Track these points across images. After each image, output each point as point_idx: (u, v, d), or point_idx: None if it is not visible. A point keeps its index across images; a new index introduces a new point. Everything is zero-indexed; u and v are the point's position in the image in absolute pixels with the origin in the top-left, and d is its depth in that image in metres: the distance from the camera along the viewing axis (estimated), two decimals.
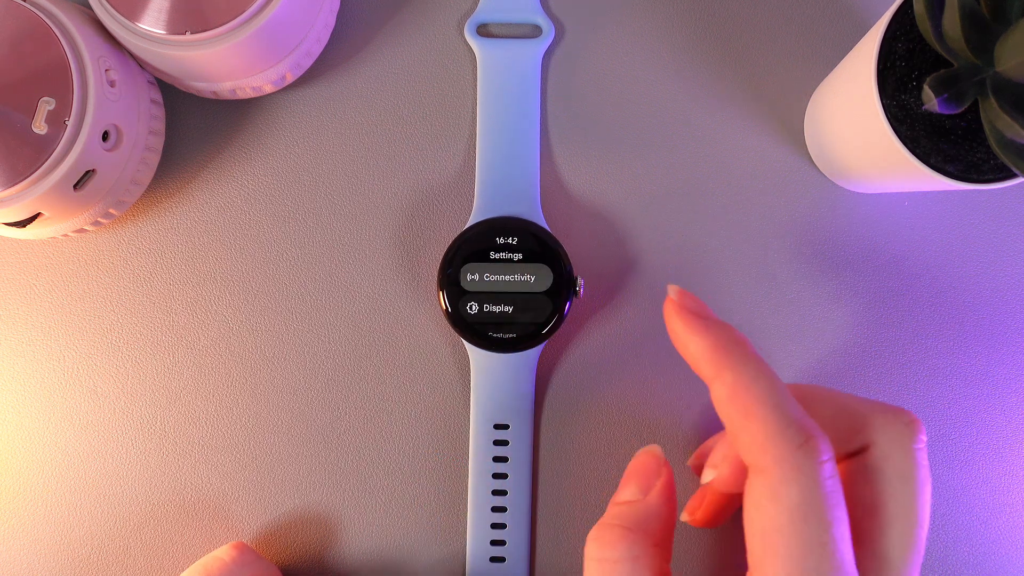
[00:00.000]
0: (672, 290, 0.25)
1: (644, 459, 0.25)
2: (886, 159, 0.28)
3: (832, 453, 0.21)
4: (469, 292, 0.31)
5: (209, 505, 0.34)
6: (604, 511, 0.33)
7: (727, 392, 0.22)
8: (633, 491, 0.25)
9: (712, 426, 0.34)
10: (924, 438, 0.25)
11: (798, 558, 0.20)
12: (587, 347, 0.34)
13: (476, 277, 0.31)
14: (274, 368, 0.34)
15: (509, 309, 0.31)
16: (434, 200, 0.34)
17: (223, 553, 0.31)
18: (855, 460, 0.25)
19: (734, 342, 0.23)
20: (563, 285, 0.31)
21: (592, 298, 0.34)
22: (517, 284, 0.31)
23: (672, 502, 0.24)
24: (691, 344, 0.24)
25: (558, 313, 0.31)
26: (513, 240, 0.32)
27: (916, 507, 0.24)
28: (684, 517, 0.31)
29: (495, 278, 0.31)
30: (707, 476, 0.27)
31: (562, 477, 0.34)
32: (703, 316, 0.24)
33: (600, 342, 0.34)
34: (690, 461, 0.33)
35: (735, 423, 0.22)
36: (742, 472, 0.25)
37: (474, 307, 0.31)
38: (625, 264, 0.34)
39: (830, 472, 0.21)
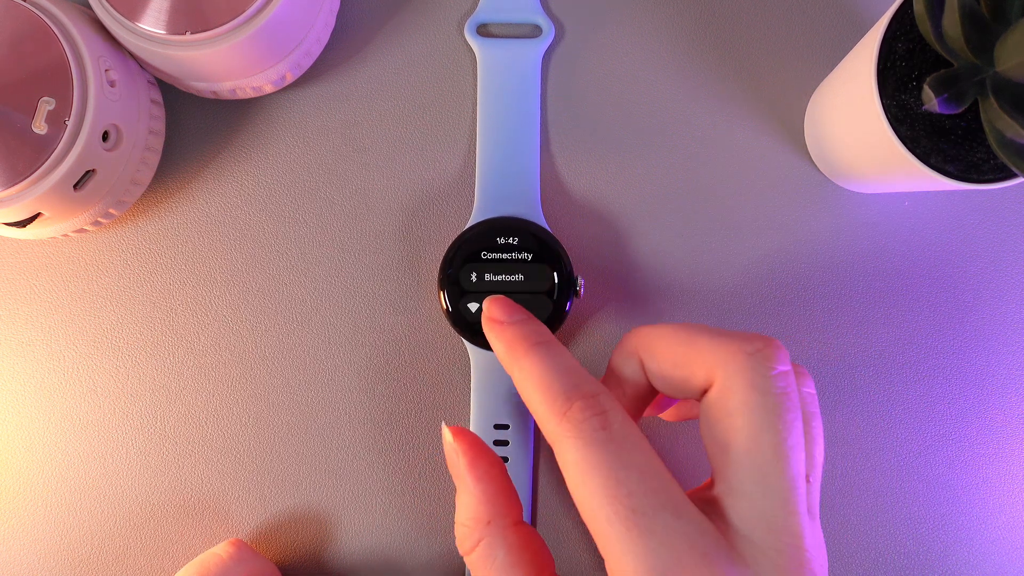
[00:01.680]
0: (485, 303, 0.28)
1: (446, 451, 0.26)
2: (886, 159, 0.28)
3: (601, 405, 0.23)
4: (469, 292, 0.31)
5: (208, 504, 0.34)
6: None
7: (517, 384, 0.25)
8: (456, 483, 0.26)
9: None
10: (780, 365, 0.23)
11: (600, 503, 0.21)
12: (587, 347, 0.34)
13: (476, 277, 0.31)
14: (274, 368, 0.34)
15: None
16: (434, 200, 0.34)
17: (220, 550, 0.31)
18: (704, 397, 0.24)
19: (523, 336, 0.26)
20: (563, 285, 0.31)
21: (592, 298, 0.34)
22: (517, 284, 0.31)
23: (478, 475, 0.25)
24: (494, 347, 0.27)
25: (558, 313, 0.31)
26: (513, 240, 0.32)
27: (767, 435, 0.22)
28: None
29: (495, 278, 0.31)
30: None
31: (562, 477, 0.34)
32: (499, 320, 0.27)
33: (600, 342, 0.34)
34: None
35: (531, 410, 0.25)
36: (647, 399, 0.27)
37: (475, 307, 0.31)
38: (625, 264, 0.34)
39: (601, 424, 0.22)
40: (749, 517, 0.22)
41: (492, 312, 0.27)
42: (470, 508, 0.25)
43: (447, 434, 0.26)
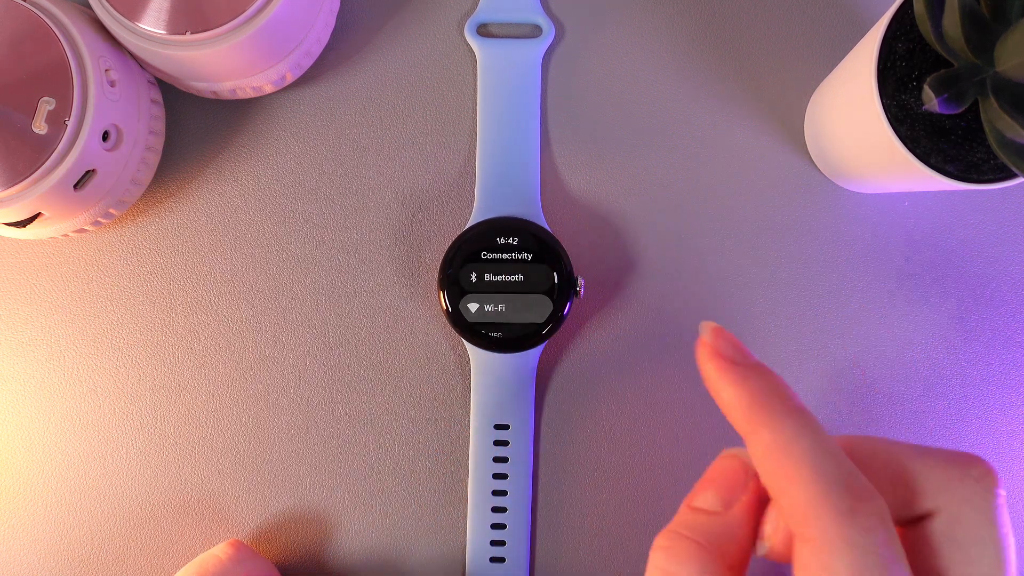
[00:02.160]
0: (705, 329, 0.22)
1: (729, 463, 0.22)
2: (886, 159, 0.28)
3: (887, 516, 0.19)
4: (469, 292, 0.31)
5: (208, 504, 0.34)
6: (603, 510, 0.34)
7: (764, 451, 0.20)
8: (712, 499, 0.22)
9: (713, 429, 0.34)
10: (1002, 492, 0.21)
11: None
12: (587, 347, 0.34)
13: (476, 277, 0.31)
14: (274, 368, 0.34)
15: (509, 309, 0.31)
16: (434, 200, 0.34)
17: (219, 551, 0.31)
18: (920, 527, 0.21)
19: (772, 394, 0.21)
20: (563, 285, 0.31)
21: (592, 298, 0.34)
22: (517, 284, 0.31)
23: (755, 522, 0.22)
24: (724, 393, 0.22)
25: (558, 313, 0.31)
26: (513, 240, 0.32)
27: (1001, 572, 0.20)
28: (760, 551, 0.26)
29: (495, 278, 0.31)
30: (760, 549, 0.24)
31: (562, 477, 0.34)
32: (738, 362, 0.22)
33: (600, 342, 0.34)
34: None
35: (775, 486, 0.20)
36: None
37: (474, 307, 0.31)
38: (625, 264, 0.34)
39: (885, 539, 0.19)
40: None
41: (719, 343, 0.22)
42: (721, 538, 0.21)
43: (745, 454, 0.22)
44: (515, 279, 0.31)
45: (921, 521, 0.21)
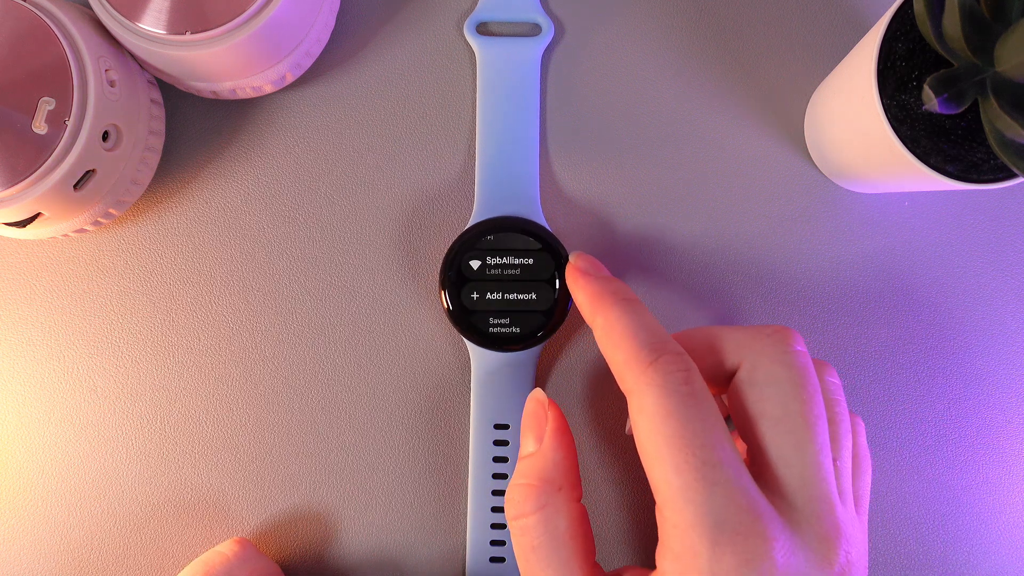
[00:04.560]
0: (572, 254, 0.29)
1: (531, 407, 0.27)
2: (886, 159, 0.28)
3: (687, 363, 0.24)
4: (470, 291, 0.31)
5: (209, 504, 0.34)
6: (603, 510, 0.34)
7: (600, 333, 0.26)
8: (529, 443, 0.27)
9: None
10: (797, 345, 0.26)
11: (672, 451, 0.22)
12: (587, 347, 0.34)
13: (477, 276, 0.31)
14: (274, 367, 0.34)
15: (510, 309, 0.31)
16: (434, 200, 0.34)
17: (225, 548, 0.31)
18: (733, 380, 0.26)
19: (608, 291, 0.26)
20: (564, 285, 0.31)
21: None
22: (518, 284, 0.31)
23: (565, 442, 0.26)
24: (577, 295, 0.28)
25: (559, 313, 0.31)
26: (513, 240, 0.32)
27: (795, 404, 0.24)
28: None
29: (496, 278, 0.31)
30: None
31: None
32: (588, 272, 0.28)
33: None
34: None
35: (608, 358, 0.25)
36: None
37: (475, 306, 0.31)
38: (625, 264, 0.34)
39: (684, 379, 0.23)
40: (788, 482, 0.23)
41: (579, 263, 0.29)
42: (543, 469, 0.25)
43: (540, 394, 0.27)
44: (515, 278, 0.31)
45: (734, 376, 0.26)
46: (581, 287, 0.28)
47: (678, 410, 0.23)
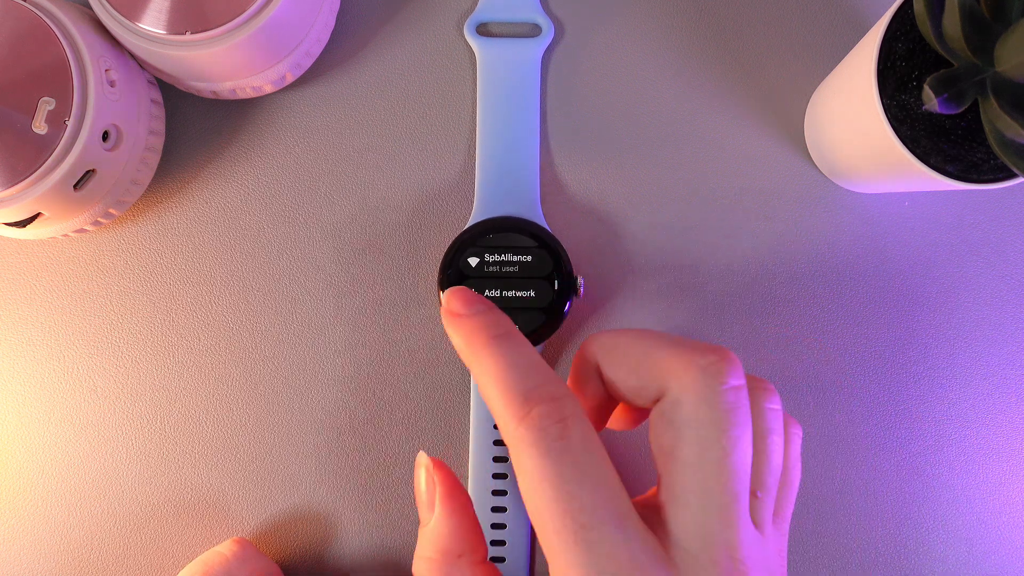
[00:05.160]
0: (445, 294, 0.26)
1: (417, 473, 0.25)
2: (886, 159, 0.28)
3: (561, 411, 0.22)
4: (471, 277, 0.31)
5: (209, 504, 0.34)
6: None
7: (477, 380, 0.24)
8: (423, 513, 0.25)
9: None
10: (732, 379, 0.23)
11: (551, 515, 0.21)
12: None
13: (476, 277, 0.31)
14: (274, 367, 0.34)
15: (509, 309, 0.31)
16: (434, 200, 0.34)
17: (224, 548, 0.31)
18: (655, 407, 0.24)
19: (478, 333, 0.24)
20: (563, 285, 0.31)
21: (592, 298, 0.34)
22: (517, 284, 0.31)
23: (457, 506, 0.25)
24: (453, 341, 0.25)
25: (558, 313, 0.31)
26: (513, 240, 0.32)
27: (714, 454, 0.22)
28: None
29: (495, 278, 0.31)
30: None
31: None
32: (459, 313, 0.25)
33: None
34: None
35: (489, 407, 0.24)
36: (604, 407, 0.26)
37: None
38: (625, 264, 0.34)
39: (559, 433, 0.22)
40: (687, 528, 0.22)
41: (451, 304, 0.25)
42: (439, 541, 0.25)
43: (424, 460, 0.25)
44: (515, 278, 0.31)
45: (658, 402, 0.24)
46: (455, 331, 0.25)
47: (553, 470, 0.21)
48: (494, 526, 0.33)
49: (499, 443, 0.33)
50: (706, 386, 0.23)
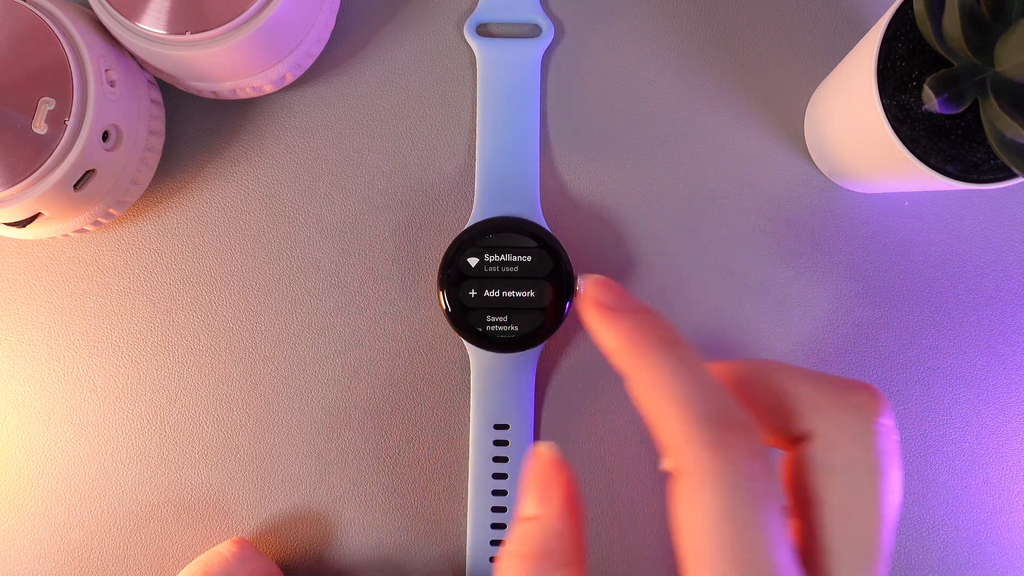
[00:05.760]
0: (583, 283, 0.23)
1: (537, 463, 0.23)
2: (886, 159, 0.28)
3: (759, 448, 0.19)
4: (469, 292, 0.31)
5: (209, 504, 0.34)
6: (603, 510, 0.34)
7: (642, 390, 0.21)
8: (530, 504, 0.22)
9: None
10: (884, 420, 0.21)
11: (726, 561, 0.19)
12: (587, 347, 0.34)
13: (476, 277, 0.31)
14: (274, 367, 0.34)
15: (509, 309, 0.31)
16: (434, 200, 0.34)
17: (224, 548, 0.31)
18: (799, 449, 0.22)
19: (648, 334, 0.21)
20: (563, 285, 0.31)
21: None
22: (517, 284, 0.31)
23: (574, 512, 0.22)
24: (604, 339, 0.22)
25: (558, 313, 0.31)
26: (513, 240, 0.32)
27: (869, 500, 0.21)
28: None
29: (495, 278, 0.31)
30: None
31: None
32: (615, 308, 0.22)
33: None
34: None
35: (654, 422, 0.21)
36: None
37: (474, 307, 0.31)
38: (625, 264, 0.34)
39: (754, 472, 0.19)
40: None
41: (600, 295, 0.23)
42: (545, 540, 0.22)
43: (552, 451, 0.23)
44: (514, 279, 0.31)
45: (801, 442, 0.21)
46: (609, 329, 0.22)
47: (740, 513, 0.19)
48: (494, 526, 0.33)
49: (499, 443, 0.33)
50: (861, 427, 0.21)
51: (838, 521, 0.21)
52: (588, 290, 0.23)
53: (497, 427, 0.33)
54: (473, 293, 0.31)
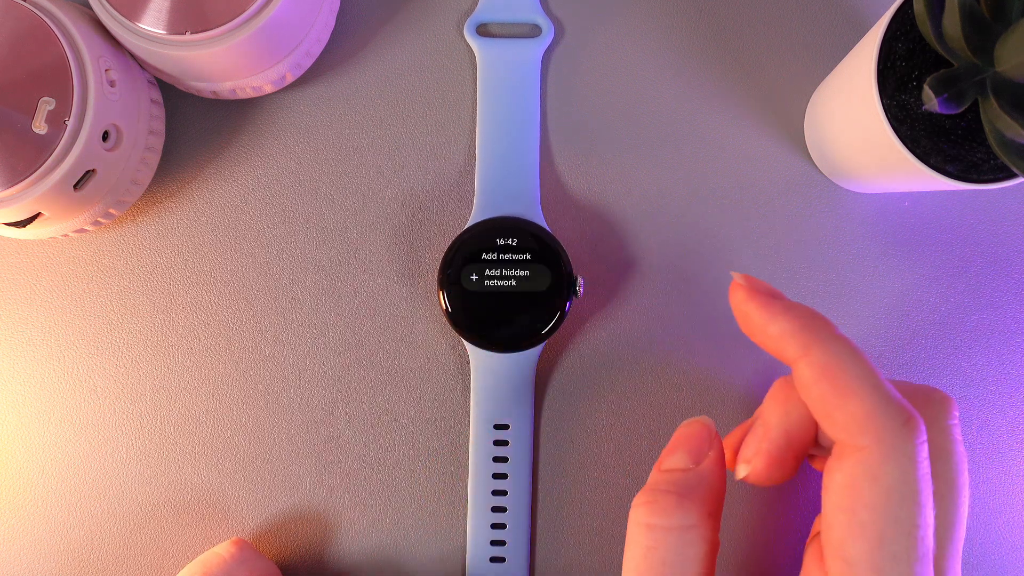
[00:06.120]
0: (737, 275, 0.24)
1: (695, 428, 0.24)
2: (886, 159, 0.28)
3: (925, 435, 0.21)
4: (469, 292, 0.31)
5: (209, 504, 0.34)
6: (603, 510, 0.34)
7: (817, 370, 0.21)
8: (683, 458, 0.24)
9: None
10: (956, 414, 0.24)
11: (889, 540, 0.20)
12: (587, 347, 0.34)
13: (476, 277, 0.31)
14: (274, 367, 0.34)
15: (509, 309, 0.31)
16: (434, 200, 0.34)
17: (223, 549, 0.31)
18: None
19: (819, 320, 0.22)
20: (563, 285, 0.31)
21: (592, 298, 0.34)
22: (517, 284, 0.31)
23: (724, 473, 0.23)
24: (772, 326, 0.23)
25: (558, 313, 0.31)
26: (513, 240, 0.32)
27: (955, 483, 0.23)
28: (740, 473, 0.25)
29: (495, 278, 0.31)
30: (741, 471, 0.25)
31: (562, 477, 0.34)
32: (781, 296, 0.23)
33: (600, 342, 0.34)
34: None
35: (828, 402, 0.21)
36: (777, 466, 0.24)
37: (474, 307, 0.31)
38: (625, 264, 0.34)
39: (926, 454, 0.20)
40: None
41: (758, 285, 0.24)
42: (702, 490, 0.23)
43: (708, 420, 0.24)
44: (515, 279, 0.31)
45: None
46: (778, 314, 0.23)
47: (915, 494, 0.20)
48: (494, 526, 0.33)
49: (499, 443, 0.33)
50: (944, 419, 0.23)
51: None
52: (744, 281, 0.24)
53: (497, 427, 0.33)
54: (473, 293, 0.31)
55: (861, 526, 0.20)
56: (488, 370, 0.33)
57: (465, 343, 0.33)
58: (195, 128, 0.34)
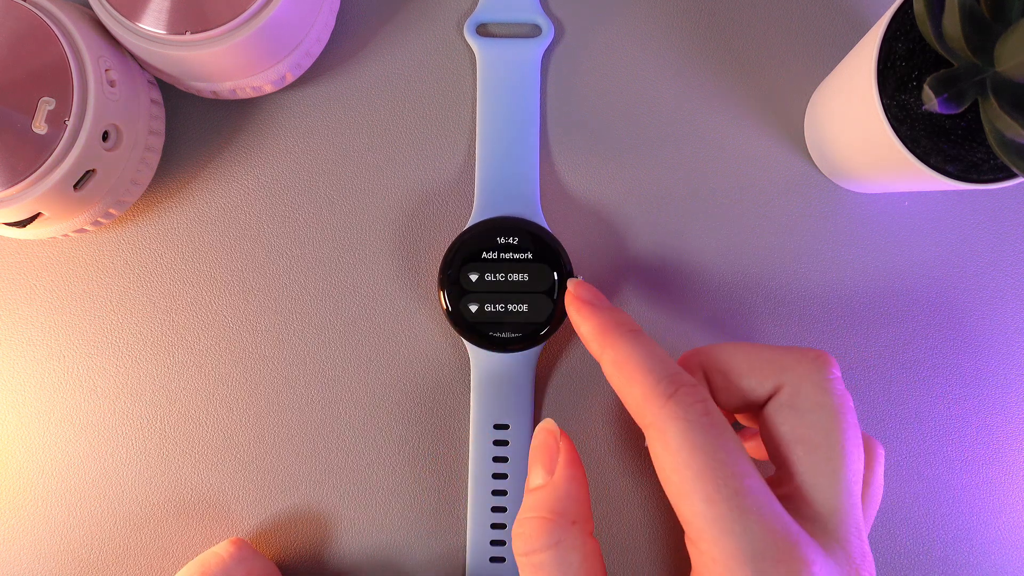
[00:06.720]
0: (570, 283, 0.29)
1: (540, 438, 0.26)
2: (886, 159, 0.28)
3: (707, 397, 0.24)
4: (469, 292, 0.31)
5: (208, 504, 0.34)
6: (603, 510, 0.34)
7: (611, 366, 0.25)
8: (539, 474, 0.26)
9: None
10: (836, 371, 0.26)
11: (705, 481, 0.22)
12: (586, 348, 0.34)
13: (476, 277, 0.31)
14: (274, 367, 0.34)
15: (509, 309, 0.31)
16: (434, 200, 0.34)
17: (221, 549, 0.31)
18: (772, 401, 0.26)
19: (615, 323, 0.26)
20: (563, 285, 0.31)
21: None
22: (517, 284, 0.31)
23: (578, 474, 0.25)
24: (582, 327, 0.27)
25: (558, 313, 0.31)
26: (513, 240, 0.32)
27: (836, 433, 0.24)
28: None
29: (495, 278, 0.31)
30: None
31: None
32: (592, 303, 0.28)
33: None
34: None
35: (621, 392, 0.25)
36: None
37: (474, 307, 0.31)
38: (625, 264, 0.34)
39: (704, 410, 0.23)
40: (821, 508, 0.23)
41: (580, 292, 0.28)
42: (555, 502, 0.25)
43: (551, 424, 0.26)
44: (515, 279, 0.31)
45: (771, 397, 0.26)
46: (585, 318, 0.27)
47: (703, 442, 0.22)
48: (494, 526, 0.33)
49: (499, 443, 0.33)
50: (820, 376, 0.25)
51: (811, 453, 0.24)
52: (571, 288, 0.29)
53: (497, 427, 0.33)
54: (473, 293, 0.31)
55: (677, 487, 0.22)
56: (488, 370, 0.33)
57: (465, 343, 0.33)
58: (195, 128, 0.34)
